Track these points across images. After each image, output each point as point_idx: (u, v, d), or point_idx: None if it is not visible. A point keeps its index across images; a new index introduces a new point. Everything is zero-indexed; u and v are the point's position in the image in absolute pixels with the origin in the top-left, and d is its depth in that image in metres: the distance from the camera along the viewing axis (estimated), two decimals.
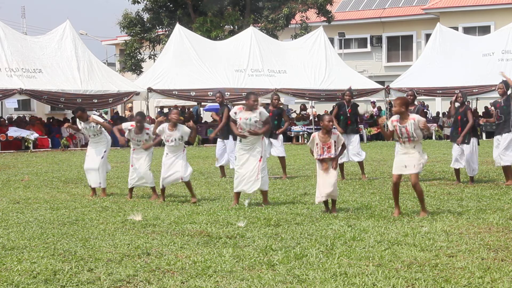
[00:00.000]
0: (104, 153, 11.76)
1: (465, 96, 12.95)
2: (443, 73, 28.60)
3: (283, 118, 14.41)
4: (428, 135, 9.42)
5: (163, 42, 35.41)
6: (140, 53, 38.31)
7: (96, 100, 25.85)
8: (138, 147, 11.17)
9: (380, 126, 9.45)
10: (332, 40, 38.86)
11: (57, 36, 27.13)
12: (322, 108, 37.32)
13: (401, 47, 44.96)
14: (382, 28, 44.86)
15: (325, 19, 37.74)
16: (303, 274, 5.84)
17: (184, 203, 10.41)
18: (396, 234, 7.45)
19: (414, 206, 9.62)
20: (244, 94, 27.11)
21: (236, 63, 28.95)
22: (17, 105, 26.93)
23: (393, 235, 7.39)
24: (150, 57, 37.78)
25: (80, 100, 25.50)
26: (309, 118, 31.01)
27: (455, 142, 12.74)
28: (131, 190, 11.38)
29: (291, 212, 9.18)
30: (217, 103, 15.76)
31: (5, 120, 26.91)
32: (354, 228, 7.86)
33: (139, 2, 37.46)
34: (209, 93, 27.28)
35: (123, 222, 8.62)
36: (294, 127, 29.60)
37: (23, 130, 25.63)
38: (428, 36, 36.02)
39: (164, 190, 10.80)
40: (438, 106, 38.88)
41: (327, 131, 9.25)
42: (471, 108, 14.34)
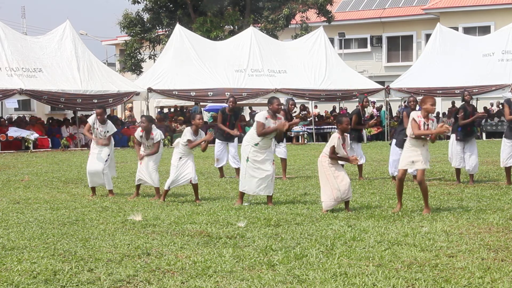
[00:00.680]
0: (108, 156, 11.76)
1: (471, 95, 13.23)
2: (443, 73, 28.60)
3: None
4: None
5: (163, 42, 35.42)
6: (140, 53, 38.31)
7: (96, 100, 25.83)
8: (148, 149, 11.29)
9: (431, 136, 9.43)
10: (332, 40, 38.86)
11: (57, 36, 27.12)
12: (322, 108, 37.36)
13: (401, 47, 44.96)
14: (382, 28, 44.86)
15: (325, 19, 37.74)
16: (303, 274, 5.84)
17: (184, 203, 10.41)
18: (396, 234, 7.45)
19: (414, 206, 9.62)
20: (244, 94, 27.49)
21: (236, 63, 28.94)
22: (17, 105, 26.94)
23: (393, 235, 7.40)
24: (150, 57, 37.78)
25: (80, 100, 25.50)
26: (309, 118, 30.99)
27: (462, 141, 12.85)
28: (138, 188, 11.54)
29: (291, 212, 9.18)
30: (218, 104, 15.69)
31: (5, 120, 26.90)
32: (354, 228, 7.86)
33: (139, 2, 37.47)
34: (209, 93, 27.29)
35: (123, 222, 8.63)
36: (294, 127, 29.56)
37: (23, 130, 25.62)
38: (428, 36, 36.02)
39: (168, 191, 10.83)
40: (438, 106, 38.85)
41: (344, 133, 9.46)
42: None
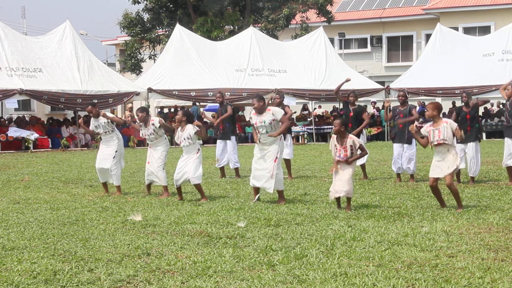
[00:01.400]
0: (116, 153, 11.82)
1: (469, 96, 12.93)
2: (443, 73, 28.60)
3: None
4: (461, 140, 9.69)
5: (163, 42, 35.42)
6: (140, 53, 38.30)
7: (96, 101, 25.78)
8: (152, 142, 11.45)
9: (412, 134, 9.70)
10: (332, 40, 38.85)
11: (57, 36, 27.11)
12: (322, 108, 37.33)
13: (401, 47, 44.95)
14: (382, 28, 44.85)
15: (325, 19, 37.75)
16: (303, 274, 5.84)
17: (184, 203, 10.41)
18: (396, 234, 7.45)
19: (414, 206, 9.63)
20: (244, 94, 27.48)
21: (236, 63, 28.94)
22: (17, 105, 26.91)
23: (393, 235, 7.40)
24: (150, 57, 37.78)
25: (80, 100, 25.49)
26: (309, 119, 31.00)
27: (461, 142, 12.67)
28: (149, 187, 11.71)
29: (291, 212, 9.18)
30: (217, 103, 15.71)
31: (5, 120, 26.89)
32: (354, 228, 7.86)
33: (139, 2, 37.47)
34: (209, 93, 27.29)
35: (123, 222, 8.63)
36: (294, 127, 29.60)
37: (23, 130, 25.62)
38: (428, 36, 36.02)
39: (180, 188, 10.90)
40: None
41: (342, 135, 9.45)
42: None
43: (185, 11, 36.82)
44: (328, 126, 30.25)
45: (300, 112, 33.38)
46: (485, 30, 39.72)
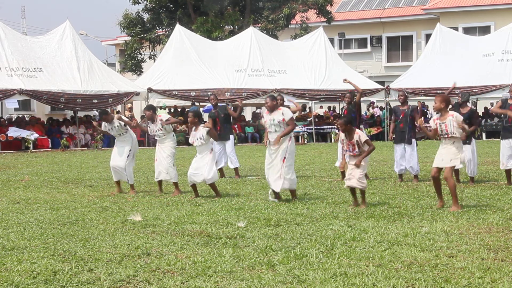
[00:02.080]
0: (130, 152, 12.09)
1: (466, 96, 12.93)
2: (443, 73, 28.57)
3: None
4: (466, 134, 9.64)
5: (163, 42, 35.41)
6: (140, 53, 38.31)
7: (96, 100, 25.86)
8: (160, 138, 11.72)
9: (421, 127, 9.82)
10: (332, 41, 38.86)
11: (57, 36, 27.11)
12: (324, 108, 37.32)
13: (401, 47, 44.95)
14: (382, 28, 44.86)
15: (325, 19, 37.75)
16: (303, 274, 5.84)
17: (184, 203, 10.41)
18: (396, 234, 7.45)
19: (414, 206, 9.62)
20: (244, 94, 27.46)
21: (236, 63, 28.95)
22: (17, 105, 26.91)
23: (393, 235, 7.40)
24: (150, 57, 37.78)
25: (80, 100, 25.51)
26: (309, 119, 30.98)
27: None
28: (160, 184, 11.91)
29: (291, 212, 9.18)
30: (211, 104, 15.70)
31: (5, 120, 26.89)
32: (354, 228, 7.86)
33: (139, 3, 37.48)
34: (209, 93, 27.27)
35: (123, 222, 8.63)
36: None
37: (23, 130, 25.61)
38: (428, 36, 36.02)
39: (195, 186, 11.03)
40: None
41: (349, 131, 9.59)
42: (476, 110, 14.17)
43: (185, 11, 36.82)
44: (328, 126, 30.25)
45: (299, 112, 33.36)
46: (485, 30, 39.73)
